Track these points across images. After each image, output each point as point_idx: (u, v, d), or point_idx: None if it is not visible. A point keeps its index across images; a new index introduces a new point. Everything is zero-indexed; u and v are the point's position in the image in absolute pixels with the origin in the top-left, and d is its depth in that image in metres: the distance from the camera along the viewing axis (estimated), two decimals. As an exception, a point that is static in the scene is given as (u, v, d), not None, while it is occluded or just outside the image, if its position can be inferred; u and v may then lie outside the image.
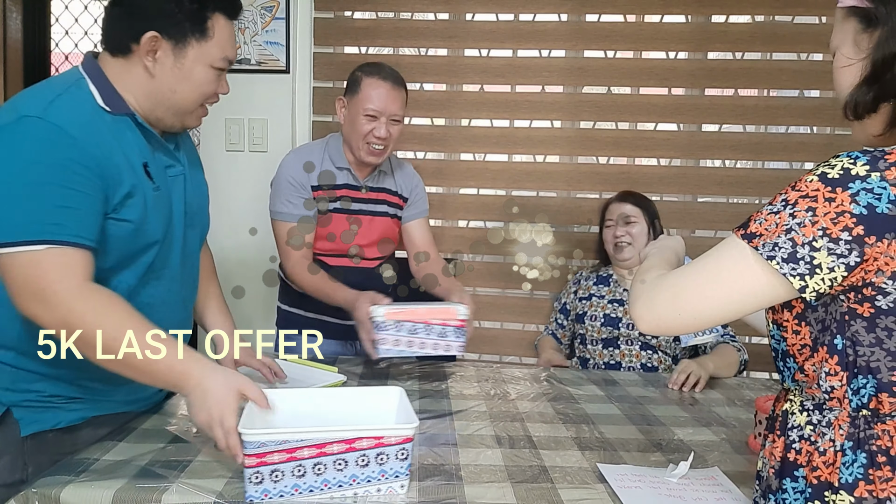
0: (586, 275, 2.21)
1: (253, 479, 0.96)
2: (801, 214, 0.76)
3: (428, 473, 1.11)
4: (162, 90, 1.17)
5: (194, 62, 1.17)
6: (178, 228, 1.26)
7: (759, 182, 2.54)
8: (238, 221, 2.55)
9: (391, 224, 1.98)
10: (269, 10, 2.50)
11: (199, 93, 1.21)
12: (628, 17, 2.53)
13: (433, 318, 1.58)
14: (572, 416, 1.46)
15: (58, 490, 0.98)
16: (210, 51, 1.18)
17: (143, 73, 1.16)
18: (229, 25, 1.22)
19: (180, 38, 1.15)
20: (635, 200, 2.13)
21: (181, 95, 1.19)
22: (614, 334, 2.03)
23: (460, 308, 1.59)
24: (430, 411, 1.44)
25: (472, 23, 2.56)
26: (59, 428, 1.18)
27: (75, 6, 3.05)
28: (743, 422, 1.46)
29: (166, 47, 1.15)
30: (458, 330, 1.59)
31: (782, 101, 2.53)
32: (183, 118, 1.23)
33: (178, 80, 1.17)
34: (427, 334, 1.58)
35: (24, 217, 1.01)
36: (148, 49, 1.14)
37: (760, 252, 0.78)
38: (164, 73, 1.16)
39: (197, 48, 1.17)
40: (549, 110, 2.57)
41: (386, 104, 1.79)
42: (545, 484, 1.09)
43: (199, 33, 1.16)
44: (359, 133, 1.80)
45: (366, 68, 1.84)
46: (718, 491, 1.09)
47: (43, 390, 1.16)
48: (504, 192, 2.63)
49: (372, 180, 1.93)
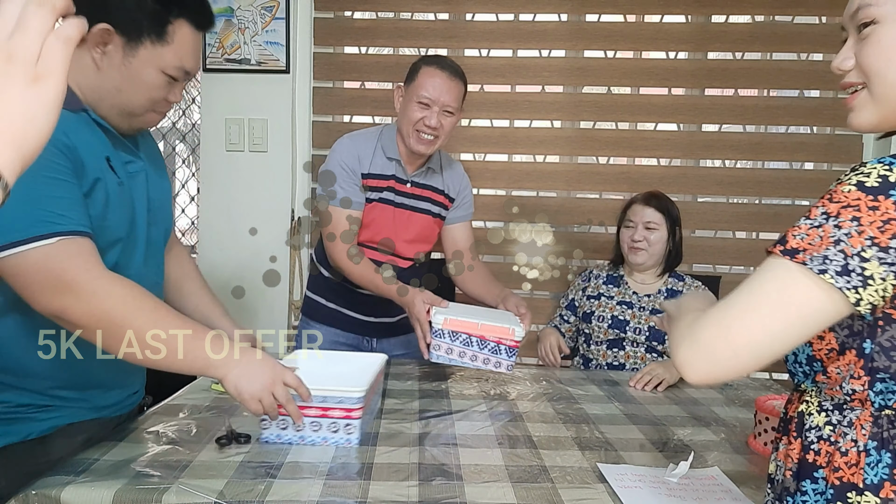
0: (597, 273, 2.18)
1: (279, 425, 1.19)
2: (846, 225, 0.72)
3: (428, 473, 1.11)
4: (106, 86, 1.11)
5: (144, 63, 1.11)
6: (140, 226, 1.22)
7: (759, 182, 2.54)
8: (238, 221, 2.56)
9: (431, 223, 1.95)
10: (269, 10, 2.50)
11: (146, 97, 1.14)
12: (628, 17, 2.53)
13: (489, 334, 1.59)
14: (572, 416, 1.46)
15: (58, 490, 0.99)
16: (164, 56, 1.12)
17: (90, 65, 1.10)
18: (194, 35, 1.15)
19: (134, 36, 1.09)
20: (659, 205, 2.07)
21: (126, 96, 1.13)
22: (620, 336, 2.03)
23: (517, 329, 1.60)
24: (430, 411, 1.44)
25: (472, 23, 2.56)
26: (29, 439, 1.13)
27: (75, 6, 3.05)
28: (743, 422, 1.46)
29: (118, 42, 1.09)
30: (510, 349, 1.60)
31: (782, 101, 2.53)
32: (129, 120, 1.17)
33: (125, 78, 1.11)
34: (480, 349, 1.59)
35: (26, 213, 0.97)
36: (98, 41, 1.08)
37: (809, 266, 0.72)
38: (111, 68, 1.10)
39: (150, 50, 1.11)
40: (549, 110, 2.58)
41: (440, 93, 1.76)
42: (545, 484, 1.09)
43: (155, 35, 1.10)
44: (409, 120, 1.78)
45: (426, 58, 1.85)
46: (718, 491, 1.09)
47: (9, 401, 1.11)
48: (504, 192, 2.63)
49: (419, 176, 1.90)
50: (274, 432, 1.22)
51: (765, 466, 1.21)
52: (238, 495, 1.00)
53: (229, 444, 1.19)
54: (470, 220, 2.04)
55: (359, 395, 1.22)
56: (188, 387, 1.54)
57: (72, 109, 1.08)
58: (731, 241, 2.59)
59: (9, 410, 1.11)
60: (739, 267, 2.60)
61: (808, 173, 2.56)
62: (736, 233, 2.60)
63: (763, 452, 1.27)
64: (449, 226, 2.00)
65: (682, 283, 2.08)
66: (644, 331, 2.00)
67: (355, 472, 1.10)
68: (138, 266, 1.22)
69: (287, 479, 1.06)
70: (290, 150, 2.56)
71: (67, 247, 0.99)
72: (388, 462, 1.15)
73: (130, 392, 1.31)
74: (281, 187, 2.56)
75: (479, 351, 1.60)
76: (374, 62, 2.59)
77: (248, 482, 1.04)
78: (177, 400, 1.44)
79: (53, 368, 1.12)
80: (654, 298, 2.06)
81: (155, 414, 1.34)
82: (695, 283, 2.08)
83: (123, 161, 1.18)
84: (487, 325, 1.59)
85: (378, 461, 1.15)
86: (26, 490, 1.00)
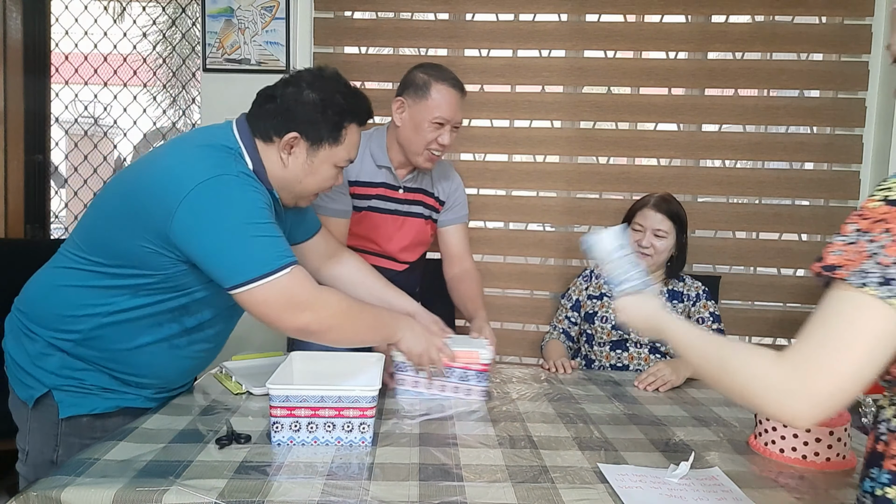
0: (598, 272, 2.16)
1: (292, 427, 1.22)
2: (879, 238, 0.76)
3: (428, 473, 1.11)
4: (289, 179, 1.35)
5: (323, 162, 1.36)
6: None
7: (759, 182, 2.54)
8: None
9: (423, 226, 1.93)
10: (269, 10, 2.50)
11: (321, 186, 1.40)
12: (628, 17, 2.53)
13: (455, 362, 1.52)
14: (572, 416, 1.46)
15: (58, 490, 0.99)
16: (338, 153, 1.37)
17: (277, 161, 1.33)
18: (358, 131, 1.40)
19: (316, 141, 1.34)
20: (670, 212, 2.04)
21: (305, 186, 1.37)
22: (623, 337, 2.02)
23: (483, 353, 1.53)
24: (430, 411, 1.44)
25: (472, 23, 2.56)
26: (93, 414, 1.31)
27: (75, 6, 3.05)
28: (743, 422, 1.46)
29: (303, 146, 1.33)
30: (479, 374, 1.53)
31: (782, 101, 2.53)
32: (297, 201, 1.42)
33: (306, 173, 1.36)
34: (448, 377, 1.54)
35: (267, 251, 1.20)
36: (287, 145, 1.32)
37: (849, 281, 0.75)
38: (296, 166, 1.34)
39: (328, 150, 1.35)
40: (549, 110, 2.57)
41: (455, 112, 1.75)
42: (545, 484, 1.09)
43: (332, 139, 1.35)
44: (423, 139, 1.75)
45: (432, 72, 1.78)
46: (719, 491, 1.09)
47: (85, 379, 1.30)
48: (504, 192, 2.63)
49: (410, 181, 1.88)
50: (286, 435, 1.21)
51: (765, 466, 1.21)
52: (238, 495, 0.99)
53: (229, 444, 1.19)
54: (464, 223, 2.01)
55: (373, 394, 1.22)
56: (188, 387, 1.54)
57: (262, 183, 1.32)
58: (731, 241, 2.59)
59: (83, 386, 1.31)
60: (739, 267, 2.60)
61: (808, 173, 2.56)
62: (736, 233, 2.60)
63: (763, 452, 1.27)
64: (442, 228, 1.98)
65: (683, 284, 2.08)
66: None
67: (355, 472, 1.10)
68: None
69: (287, 479, 1.06)
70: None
71: (298, 274, 1.23)
72: (388, 462, 1.15)
73: (181, 390, 1.49)
74: (281, 187, 2.56)
75: (446, 381, 1.53)
76: (374, 62, 2.59)
77: (248, 482, 1.04)
78: (177, 400, 1.44)
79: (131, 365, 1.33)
80: None
81: (155, 414, 1.34)
82: (695, 283, 2.08)
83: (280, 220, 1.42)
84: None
85: (378, 461, 1.15)
86: (26, 490, 1.00)
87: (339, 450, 1.20)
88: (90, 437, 1.27)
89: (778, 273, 2.59)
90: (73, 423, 1.30)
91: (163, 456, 1.13)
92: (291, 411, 1.20)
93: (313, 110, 1.32)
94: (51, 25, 2.85)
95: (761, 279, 2.57)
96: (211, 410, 1.38)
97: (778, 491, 1.10)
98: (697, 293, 2.05)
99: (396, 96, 1.82)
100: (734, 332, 2.54)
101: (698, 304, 2.03)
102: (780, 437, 1.25)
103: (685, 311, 2.03)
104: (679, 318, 1.05)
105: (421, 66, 1.81)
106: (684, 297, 2.05)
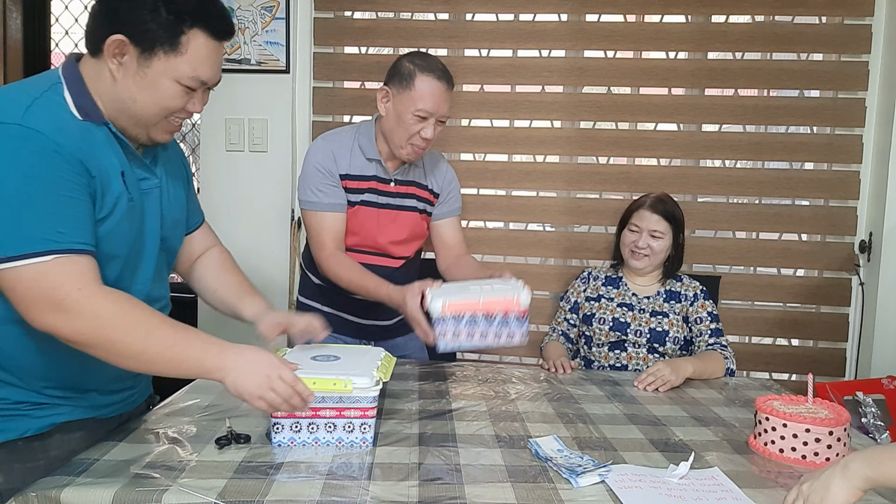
0: (595, 274, 2.17)
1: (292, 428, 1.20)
2: None
3: (428, 473, 1.11)
4: (122, 97, 1.12)
5: (159, 74, 1.11)
6: (151, 243, 1.23)
7: (759, 182, 2.54)
8: (238, 221, 2.56)
9: (418, 219, 1.90)
10: (269, 10, 2.50)
11: (161, 106, 1.14)
12: (628, 17, 2.53)
13: (494, 308, 1.48)
14: (572, 416, 1.46)
15: (58, 491, 0.99)
16: (179, 66, 1.12)
17: (108, 77, 1.11)
18: (210, 45, 1.14)
19: (147, 47, 1.09)
20: (666, 212, 2.04)
21: (141, 105, 1.13)
22: (622, 338, 2.03)
23: (522, 297, 1.49)
24: (430, 411, 1.44)
25: (472, 23, 2.56)
26: (27, 436, 1.14)
27: (75, 6, 3.04)
28: (743, 422, 1.46)
29: (133, 53, 1.10)
30: (519, 319, 1.49)
31: (782, 101, 2.53)
32: (147, 130, 1.17)
33: (140, 88, 1.12)
34: (488, 325, 1.49)
35: (23, 229, 0.99)
36: (113, 52, 1.09)
37: None
38: (127, 79, 1.11)
39: (164, 61, 1.11)
40: (549, 110, 2.57)
41: (439, 105, 1.69)
42: (545, 484, 1.09)
43: (168, 46, 1.10)
44: (405, 132, 1.70)
45: (418, 62, 1.71)
46: (719, 491, 1.09)
47: (7, 397, 1.12)
48: (504, 192, 2.63)
49: (401, 173, 1.84)
50: (287, 435, 1.21)
51: (765, 466, 1.21)
52: (238, 495, 1.00)
53: (229, 444, 1.19)
54: (457, 217, 1.97)
55: (374, 395, 1.21)
56: (188, 387, 1.54)
57: (93, 121, 1.10)
58: (731, 241, 2.59)
59: (6, 407, 1.12)
60: (739, 267, 2.60)
61: (808, 173, 2.56)
62: (736, 233, 2.60)
63: (763, 452, 1.27)
64: (435, 222, 1.94)
65: (681, 284, 2.08)
66: (645, 332, 2.00)
67: (355, 472, 1.10)
68: (145, 282, 1.23)
69: (287, 479, 1.06)
70: (290, 150, 2.56)
71: (61, 265, 1.00)
72: (388, 462, 1.15)
73: (131, 392, 1.31)
74: (281, 187, 2.56)
75: (487, 327, 1.49)
76: (374, 62, 2.59)
77: (248, 482, 1.04)
78: (176, 400, 1.44)
79: (50, 369, 1.14)
80: (653, 300, 2.06)
81: (155, 414, 1.34)
82: (693, 283, 2.08)
83: (138, 178, 1.19)
84: (489, 300, 1.48)
85: (378, 461, 1.15)
86: (26, 490, 1.00)
87: (340, 450, 1.20)
88: (30, 460, 1.13)
89: (778, 273, 2.59)
90: (6, 450, 1.12)
91: (163, 456, 1.13)
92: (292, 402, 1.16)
93: (142, 7, 1.08)
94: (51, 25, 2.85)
95: (761, 279, 2.57)
96: (211, 410, 1.38)
97: (778, 491, 1.10)
98: (695, 293, 2.05)
99: (383, 85, 1.75)
100: (734, 333, 2.55)
101: (696, 304, 2.03)
102: (779, 438, 1.25)
103: (683, 311, 2.03)
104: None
105: (409, 55, 1.74)
106: (682, 296, 2.05)
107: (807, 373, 1.49)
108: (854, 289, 2.53)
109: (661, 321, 2.01)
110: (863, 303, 2.48)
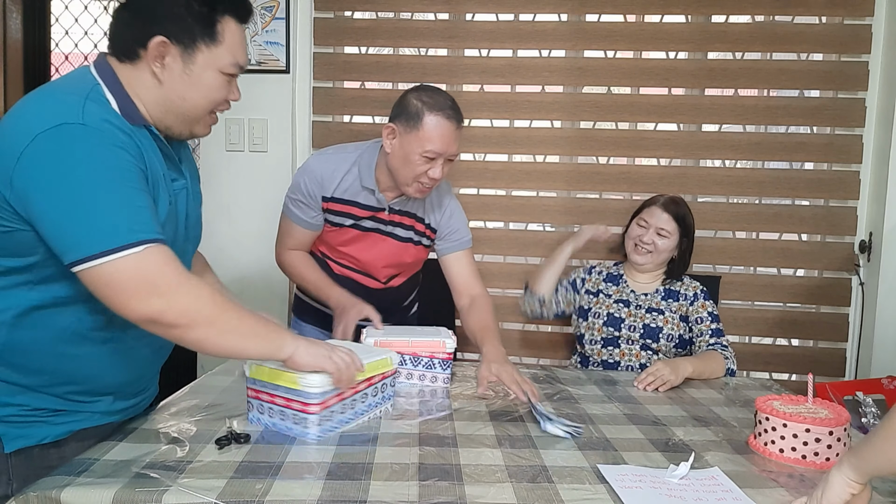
0: (599, 269, 2.19)
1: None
2: None
3: (428, 473, 1.11)
4: (171, 97, 1.13)
5: (204, 67, 1.13)
6: (179, 243, 1.24)
7: (759, 182, 2.54)
8: (238, 221, 2.56)
9: (410, 249, 1.86)
10: (269, 10, 2.50)
11: (210, 99, 1.17)
12: (628, 17, 2.53)
13: (421, 350, 1.61)
14: (572, 416, 1.45)
15: (58, 491, 0.98)
16: (220, 55, 1.14)
17: (151, 80, 1.12)
18: (239, 29, 1.18)
19: (189, 43, 1.11)
20: (677, 213, 2.06)
21: (191, 102, 1.15)
22: (615, 335, 2.03)
23: (448, 342, 1.61)
24: (430, 412, 1.44)
25: (472, 23, 2.56)
26: (45, 443, 1.15)
27: (75, 6, 3.04)
28: (743, 422, 1.46)
29: (175, 52, 1.11)
30: (444, 362, 1.62)
31: (782, 101, 2.53)
32: (192, 126, 1.20)
33: (188, 86, 1.13)
34: (414, 365, 1.63)
35: (114, 223, 1.00)
36: (156, 54, 1.10)
37: None
38: (173, 79, 1.12)
39: (207, 53, 1.13)
40: (549, 110, 2.58)
41: (448, 145, 1.61)
42: (545, 484, 1.09)
43: (208, 37, 1.12)
44: (412, 172, 1.64)
45: (426, 99, 1.61)
46: (719, 491, 1.09)
47: (26, 403, 1.13)
48: (504, 192, 2.63)
49: (399, 203, 1.79)
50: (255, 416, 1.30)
51: (765, 466, 1.21)
52: (238, 495, 0.99)
53: (229, 444, 1.19)
54: (466, 251, 1.87)
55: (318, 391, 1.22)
56: (188, 387, 1.54)
57: (136, 124, 1.11)
58: (731, 241, 2.59)
59: (26, 413, 1.14)
60: (739, 267, 2.60)
61: (808, 173, 2.56)
62: (736, 233, 2.60)
63: (763, 452, 1.27)
64: (442, 257, 1.88)
65: (681, 284, 2.08)
66: (639, 328, 2.01)
67: (355, 472, 1.10)
68: None
69: (287, 479, 1.06)
70: (290, 150, 2.56)
71: (155, 253, 1.03)
72: (388, 462, 1.15)
73: (143, 397, 1.33)
74: (281, 187, 2.54)
75: (413, 368, 1.63)
76: (374, 62, 2.59)
77: (248, 482, 1.04)
78: (176, 400, 1.44)
79: (70, 374, 1.15)
80: (650, 297, 2.06)
81: (155, 414, 1.34)
82: (693, 283, 2.08)
83: (171, 178, 1.20)
84: (418, 341, 1.62)
85: (378, 461, 1.15)
86: (26, 490, 1.00)
87: (340, 450, 1.20)
88: (45, 467, 1.11)
89: (778, 273, 2.60)
90: (23, 456, 1.13)
91: (163, 456, 1.13)
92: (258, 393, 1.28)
93: (175, 4, 1.09)
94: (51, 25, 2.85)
95: (761, 279, 2.57)
96: (211, 410, 1.38)
97: (778, 491, 1.10)
98: (695, 293, 2.05)
99: (388, 121, 1.67)
100: (734, 333, 2.55)
101: (696, 304, 2.03)
102: (779, 437, 1.25)
103: (681, 311, 2.04)
104: None
105: (416, 91, 1.65)
106: (681, 296, 2.06)
107: (807, 373, 1.49)
108: (854, 289, 2.53)
109: (656, 318, 2.02)
110: (863, 303, 2.48)
